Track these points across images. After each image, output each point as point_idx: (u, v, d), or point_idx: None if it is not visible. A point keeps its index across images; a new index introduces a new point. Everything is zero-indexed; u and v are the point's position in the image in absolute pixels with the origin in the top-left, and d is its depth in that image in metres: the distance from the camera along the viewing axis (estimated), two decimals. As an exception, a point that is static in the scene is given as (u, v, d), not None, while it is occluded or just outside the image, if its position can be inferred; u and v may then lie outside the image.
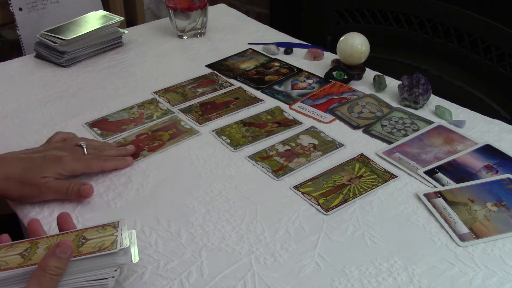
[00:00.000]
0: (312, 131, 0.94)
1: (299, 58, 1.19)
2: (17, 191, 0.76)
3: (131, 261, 0.61)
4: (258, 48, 1.24)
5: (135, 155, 0.88)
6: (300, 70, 1.14)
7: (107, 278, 0.59)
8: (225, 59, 1.20)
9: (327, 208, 0.76)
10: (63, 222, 0.65)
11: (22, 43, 1.55)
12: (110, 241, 0.60)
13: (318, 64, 1.17)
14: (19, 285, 0.57)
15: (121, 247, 0.59)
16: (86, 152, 0.82)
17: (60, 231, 0.64)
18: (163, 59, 1.21)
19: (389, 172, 0.83)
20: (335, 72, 1.09)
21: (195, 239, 0.72)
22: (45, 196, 0.77)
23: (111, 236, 0.61)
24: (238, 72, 1.14)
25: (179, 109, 1.01)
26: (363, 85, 1.08)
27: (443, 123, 0.95)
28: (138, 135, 0.93)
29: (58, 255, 0.57)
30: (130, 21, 1.90)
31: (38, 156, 0.78)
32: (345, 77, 1.08)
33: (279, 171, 0.84)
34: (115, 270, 0.60)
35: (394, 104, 1.01)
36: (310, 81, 1.10)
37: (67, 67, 1.16)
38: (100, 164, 0.82)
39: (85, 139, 0.86)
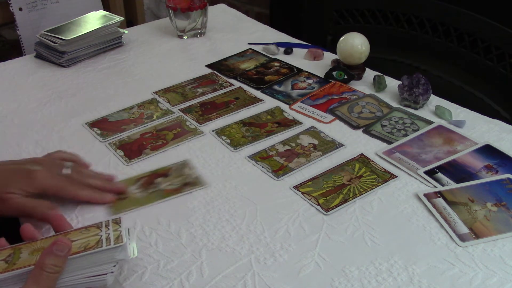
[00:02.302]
0: (312, 131, 0.94)
1: (299, 58, 1.19)
2: None
3: (130, 256, 0.61)
4: (258, 48, 1.24)
5: (122, 192, 0.79)
6: (300, 70, 1.14)
7: (105, 274, 0.59)
8: (225, 59, 1.20)
9: (327, 208, 0.76)
10: (57, 225, 0.65)
11: (22, 43, 1.55)
12: (95, 240, 0.60)
13: (318, 64, 1.17)
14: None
15: (108, 246, 0.59)
16: (66, 171, 0.74)
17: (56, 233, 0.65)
18: (163, 59, 1.21)
19: (389, 172, 0.83)
20: (335, 72, 1.09)
21: (195, 239, 0.72)
22: (8, 213, 0.71)
23: (95, 236, 0.61)
24: (238, 72, 1.14)
25: (179, 109, 1.01)
26: (363, 85, 1.08)
27: (443, 123, 0.95)
28: (142, 134, 0.93)
29: (55, 253, 0.56)
30: (130, 21, 1.90)
31: (10, 168, 0.73)
32: (345, 77, 1.08)
33: (279, 171, 0.84)
34: (114, 266, 0.60)
35: (394, 104, 1.01)
36: (310, 81, 1.10)
37: (67, 67, 1.16)
38: (74, 190, 0.74)
39: (78, 164, 0.79)
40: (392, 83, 1.07)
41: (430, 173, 0.83)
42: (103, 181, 0.79)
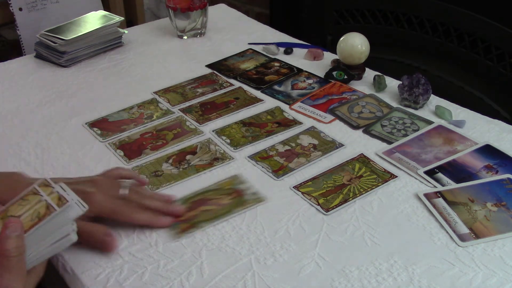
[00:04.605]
0: (312, 131, 0.94)
1: (299, 58, 1.19)
2: None
3: (83, 210, 0.60)
4: (258, 48, 1.24)
5: (180, 216, 0.75)
6: (300, 70, 1.14)
7: (68, 234, 0.59)
8: (225, 59, 1.20)
9: (327, 208, 0.76)
10: None
11: (22, 43, 1.55)
12: (43, 207, 0.58)
13: (318, 64, 1.17)
14: None
15: (61, 207, 0.58)
16: (123, 192, 0.72)
17: None
18: (163, 59, 1.21)
19: (389, 172, 0.83)
20: (335, 72, 1.09)
21: (195, 239, 0.72)
22: None
23: (40, 202, 0.59)
24: (238, 72, 1.14)
25: (179, 109, 1.01)
26: (363, 85, 1.08)
27: (443, 123, 0.95)
28: (142, 134, 0.94)
29: (11, 235, 0.55)
30: (130, 21, 1.90)
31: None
32: (345, 77, 1.08)
33: (279, 171, 0.84)
34: (72, 224, 0.60)
35: (394, 104, 1.01)
36: (310, 81, 1.10)
37: (67, 67, 1.16)
38: (130, 213, 0.71)
39: (136, 182, 0.76)
40: (392, 83, 1.07)
41: (430, 173, 0.83)
42: (161, 202, 0.75)
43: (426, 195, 0.78)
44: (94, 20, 1.22)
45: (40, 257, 0.59)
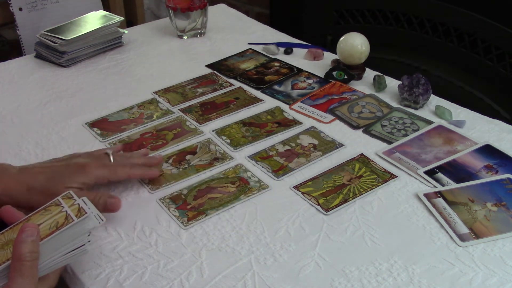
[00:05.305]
0: (312, 131, 0.94)
1: (299, 58, 1.19)
2: (40, 202, 0.69)
3: (99, 223, 0.62)
4: (258, 48, 1.24)
5: (160, 162, 0.85)
6: (300, 70, 1.14)
7: (83, 245, 0.61)
8: (225, 59, 1.20)
9: (327, 208, 0.76)
10: (8, 216, 0.64)
11: (22, 43, 1.55)
12: (62, 217, 0.60)
13: (318, 64, 1.17)
14: None
15: (80, 218, 0.59)
16: (112, 159, 0.78)
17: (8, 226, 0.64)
18: (163, 59, 1.21)
19: (389, 172, 0.83)
20: (335, 72, 1.09)
21: (195, 239, 0.72)
22: None
23: (60, 213, 0.61)
24: (238, 72, 1.14)
25: (179, 109, 1.01)
26: (363, 85, 1.08)
27: (443, 123, 0.95)
28: (142, 134, 0.94)
29: (27, 240, 0.56)
30: (130, 21, 1.90)
31: (61, 164, 0.75)
32: (345, 77, 1.08)
33: (279, 171, 0.84)
34: (88, 235, 0.62)
35: (394, 104, 1.01)
36: (310, 81, 1.10)
37: (67, 67, 1.16)
38: (126, 171, 0.78)
39: (112, 149, 0.83)
40: (392, 83, 1.07)
41: (430, 173, 0.83)
42: (144, 157, 0.84)
43: (426, 195, 0.78)
44: (94, 20, 1.22)
45: (53, 265, 0.60)
